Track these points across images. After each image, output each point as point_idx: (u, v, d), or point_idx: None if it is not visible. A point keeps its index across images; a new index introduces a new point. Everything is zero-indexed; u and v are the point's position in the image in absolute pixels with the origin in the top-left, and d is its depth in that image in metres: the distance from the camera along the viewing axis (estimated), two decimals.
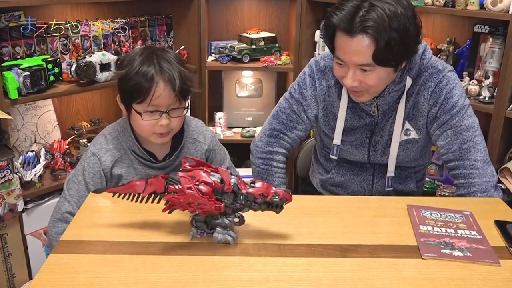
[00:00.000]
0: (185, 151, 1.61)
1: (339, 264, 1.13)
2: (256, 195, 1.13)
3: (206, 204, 1.11)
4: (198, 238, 1.19)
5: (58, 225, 1.52)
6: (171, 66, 1.44)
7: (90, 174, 1.52)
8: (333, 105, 1.65)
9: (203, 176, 1.12)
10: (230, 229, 1.18)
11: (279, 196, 1.14)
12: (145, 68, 1.42)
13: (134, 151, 1.54)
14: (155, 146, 1.56)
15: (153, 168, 1.56)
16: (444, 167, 2.54)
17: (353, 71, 1.44)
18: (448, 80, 1.56)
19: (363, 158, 1.69)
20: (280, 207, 1.15)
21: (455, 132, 1.55)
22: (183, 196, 1.11)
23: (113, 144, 1.54)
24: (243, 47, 2.90)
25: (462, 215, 1.33)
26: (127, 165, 1.54)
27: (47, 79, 2.24)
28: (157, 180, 1.18)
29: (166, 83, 1.42)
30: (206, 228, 1.18)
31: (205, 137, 1.65)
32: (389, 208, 1.39)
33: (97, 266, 1.10)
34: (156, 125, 1.45)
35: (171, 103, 1.45)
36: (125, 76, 1.44)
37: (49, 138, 2.56)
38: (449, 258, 1.14)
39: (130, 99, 1.44)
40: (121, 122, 1.58)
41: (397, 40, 1.36)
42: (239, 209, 1.15)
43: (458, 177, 1.57)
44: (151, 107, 1.43)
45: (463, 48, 2.49)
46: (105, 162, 1.52)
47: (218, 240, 1.18)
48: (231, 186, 1.13)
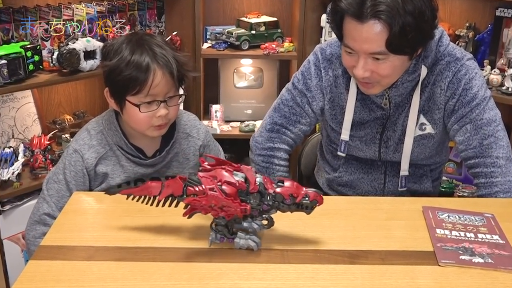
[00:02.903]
0: (177, 147, 1.61)
1: (347, 271, 1.12)
2: (285, 195, 1.12)
3: (231, 206, 1.10)
4: (218, 243, 1.19)
5: (36, 228, 1.52)
6: (164, 51, 1.44)
7: (72, 173, 1.52)
8: (340, 97, 1.65)
9: (226, 176, 1.11)
10: (253, 233, 1.18)
11: (309, 198, 1.13)
12: (138, 55, 1.42)
13: (121, 147, 1.54)
14: (144, 142, 1.56)
15: (142, 165, 1.56)
16: (463, 165, 2.55)
17: (364, 60, 1.43)
18: (467, 69, 1.56)
19: (373, 155, 1.69)
20: (310, 208, 1.15)
21: (475, 127, 1.55)
22: (205, 198, 1.10)
23: (97, 140, 1.54)
24: (241, 33, 2.89)
25: (483, 218, 1.32)
26: (113, 162, 1.54)
27: (26, 68, 2.23)
28: (174, 182, 1.16)
29: (163, 70, 1.42)
30: (227, 232, 1.18)
31: (199, 132, 1.66)
32: (403, 210, 1.39)
33: (81, 273, 1.09)
34: (154, 117, 1.45)
35: (168, 91, 1.46)
36: (115, 68, 1.42)
37: (28, 133, 2.56)
38: (469, 265, 1.14)
39: (124, 92, 1.44)
40: (106, 115, 1.58)
41: (412, 25, 1.36)
42: (266, 211, 1.15)
43: (478, 176, 1.57)
44: (148, 98, 1.43)
45: (484, 34, 2.49)
46: (88, 160, 1.52)
47: (240, 246, 1.18)
48: (256, 186, 1.12)
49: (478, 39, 2.51)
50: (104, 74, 1.48)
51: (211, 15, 3.08)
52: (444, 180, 2.55)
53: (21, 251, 2.36)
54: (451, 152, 2.57)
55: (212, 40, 2.98)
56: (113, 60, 1.43)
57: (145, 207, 1.32)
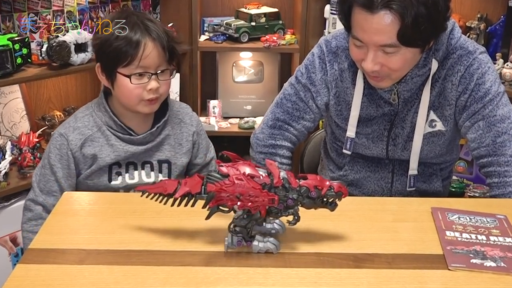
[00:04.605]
0: (169, 129, 1.66)
1: (352, 276, 1.12)
2: (310, 187, 1.13)
3: (259, 196, 1.10)
4: (234, 248, 1.18)
5: (24, 213, 1.60)
6: (155, 24, 1.53)
7: (57, 157, 1.57)
8: (346, 92, 1.65)
9: (249, 170, 1.12)
10: (271, 236, 1.18)
11: (334, 189, 1.14)
12: (129, 29, 1.49)
13: (110, 127, 1.59)
14: (135, 121, 1.61)
15: (134, 143, 1.61)
16: (475, 164, 2.55)
17: (374, 52, 1.43)
18: (480, 63, 1.56)
19: (381, 153, 1.69)
20: (335, 203, 1.16)
21: (488, 124, 1.55)
22: (231, 187, 1.10)
23: (83, 122, 1.60)
24: (241, 25, 2.89)
25: (495, 219, 1.32)
26: (101, 143, 1.59)
27: (14, 61, 2.23)
28: (192, 180, 1.16)
29: (154, 42, 1.50)
30: (246, 235, 1.17)
31: (192, 119, 1.72)
32: (411, 211, 1.39)
33: (72, 278, 1.09)
34: (145, 90, 1.52)
35: (160, 63, 1.52)
36: (106, 40, 1.50)
37: (16, 130, 2.56)
38: (480, 269, 1.14)
39: (115, 64, 1.50)
40: (96, 100, 1.64)
41: (425, 16, 1.36)
42: (291, 206, 1.15)
43: (491, 176, 1.57)
44: (139, 69, 1.50)
45: (496, 26, 2.49)
46: (73, 141, 1.57)
47: (258, 249, 1.18)
48: (280, 180, 1.13)
49: (490, 31, 2.51)
50: (95, 48, 1.59)
51: (208, 5, 3.08)
52: (454, 179, 2.55)
53: (8, 254, 2.36)
54: (461, 150, 2.57)
55: (210, 32, 2.98)
56: (104, 34, 1.51)
57: (138, 208, 1.32)
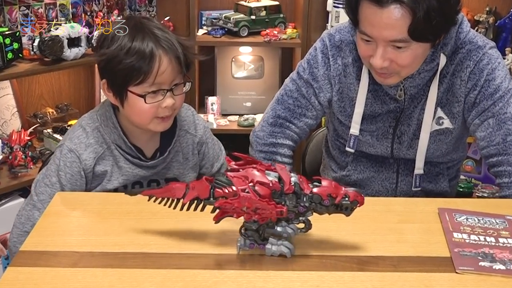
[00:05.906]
0: (177, 145, 1.60)
1: (356, 279, 1.13)
2: (323, 196, 1.12)
3: (266, 209, 1.10)
4: (247, 250, 1.18)
5: (18, 226, 1.49)
6: (167, 34, 1.43)
7: (68, 175, 1.48)
8: (350, 88, 1.65)
9: (258, 176, 1.11)
10: (285, 239, 1.18)
11: (349, 198, 1.14)
12: (139, 41, 1.39)
13: (119, 146, 1.51)
14: (143, 140, 1.54)
15: (143, 167, 1.54)
16: (483, 163, 2.55)
17: (383, 48, 1.43)
18: (490, 58, 1.56)
19: (385, 152, 1.69)
20: (350, 209, 1.15)
21: (498, 121, 1.55)
22: (237, 200, 1.10)
23: (94, 138, 1.50)
24: (240, 18, 2.89)
25: (504, 221, 1.32)
26: (111, 163, 1.51)
27: (4, 56, 2.23)
28: (200, 183, 1.15)
29: (169, 55, 1.40)
30: (258, 238, 1.17)
31: (197, 128, 1.65)
32: (417, 212, 1.39)
33: (65, 281, 1.09)
34: (159, 107, 1.43)
35: (174, 78, 1.44)
36: (114, 56, 1.39)
37: (7, 127, 2.56)
38: (489, 272, 1.14)
39: (125, 83, 1.40)
40: (101, 110, 1.54)
41: (437, 10, 1.36)
42: (302, 213, 1.15)
43: (501, 175, 1.57)
44: (154, 87, 1.41)
45: (506, 19, 2.49)
46: (87, 161, 1.48)
47: (271, 253, 1.18)
48: (292, 186, 1.12)
49: (499, 25, 2.51)
50: (100, 65, 1.45)
51: None
52: (461, 179, 2.55)
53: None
54: (469, 148, 2.57)
55: (208, 26, 2.98)
56: (111, 48, 1.40)
57: (134, 208, 1.32)
